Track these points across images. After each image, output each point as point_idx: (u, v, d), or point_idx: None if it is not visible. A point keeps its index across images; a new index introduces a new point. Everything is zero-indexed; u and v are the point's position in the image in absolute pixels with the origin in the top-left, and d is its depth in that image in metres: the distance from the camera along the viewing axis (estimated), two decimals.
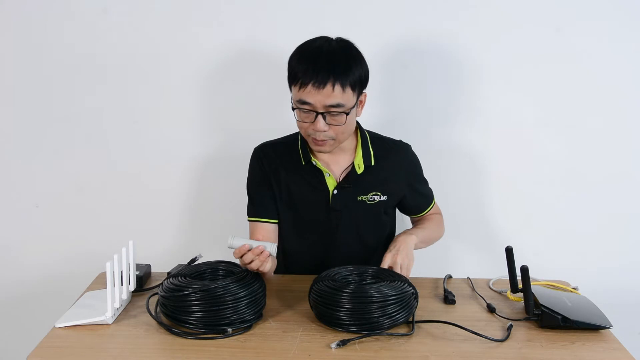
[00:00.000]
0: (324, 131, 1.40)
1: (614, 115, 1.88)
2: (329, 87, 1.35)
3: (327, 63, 1.36)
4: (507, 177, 1.94)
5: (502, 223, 1.97)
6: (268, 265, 1.33)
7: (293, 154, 1.56)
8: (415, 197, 1.65)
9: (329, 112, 1.38)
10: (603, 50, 1.83)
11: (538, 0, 1.81)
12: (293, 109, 1.42)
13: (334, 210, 1.56)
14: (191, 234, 2.04)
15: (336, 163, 1.56)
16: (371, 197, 1.56)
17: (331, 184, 1.55)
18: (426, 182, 1.69)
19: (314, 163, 1.54)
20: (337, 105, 1.37)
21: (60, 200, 2.02)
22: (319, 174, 1.55)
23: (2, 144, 1.99)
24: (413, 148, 1.63)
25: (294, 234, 1.61)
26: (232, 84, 1.90)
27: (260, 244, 1.31)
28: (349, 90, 1.38)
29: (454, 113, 1.91)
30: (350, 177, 1.54)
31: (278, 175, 1.57)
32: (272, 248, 1.32)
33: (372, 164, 1.55)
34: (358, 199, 1.56)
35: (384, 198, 1.57)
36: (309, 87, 1.35)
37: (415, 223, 1.73)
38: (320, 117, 1.38)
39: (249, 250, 1.31)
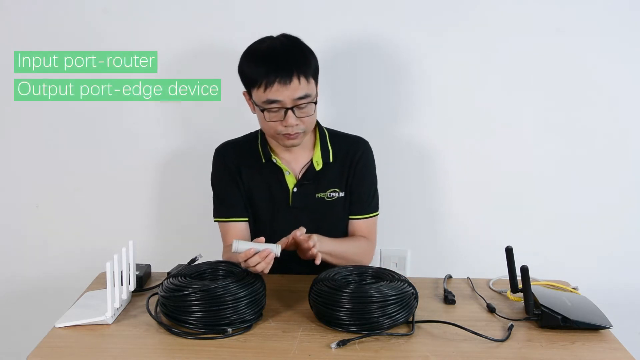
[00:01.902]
0: (296, 125, 1.43)
1: (614, 116, 1.88)
2: (294, 81, 1.40)
3: (286, 59, 1.41)
4: (507, 177, 1.94)
5: (502, 223, 1.97)
6: (269, 268, 1.33)
7: (253, 153, 1.58)
8: (356, 191, 1.59)
9: (297, 106, 1.42)
10: (603, 50, 1.83)
11: (538, 1, 1.81)
12: (261, 110, 1.43)
13: (294, 208, 1.56)
14: (191, 234, 2.04)
15: (296, 161, 1.57)
16: (330, 194, 1.57)
17: (291, 182, 1.56)
18: (373, 189, 1.63)
19: (274, 161, 1.55)
20: (305, 97, 1.42)
21: (60, 200, 2.02)
22: (278, 173, 1.56)
23: (3, 143, 1.99)
24: (414, 150, 1.63)
25: (255, 233, 1.59)
26: (234, 82, 1.89)
27: (266, 247, 1.30)
28: (311, 81, 1.44)
29: (453, 113, 1.90)
30: (309, 174, 1.55)
31: (240, 174, 1.58)
32: (277, 250, 1.31)
33: (331, 160, 1.56)
34: (317, 196, 1.57)
35: (342, 194, 1.58)
36: (275, 85, 1.39)
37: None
38: (290, 112, 1.42)
39: (255, 254, 1.29)
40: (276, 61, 1.41)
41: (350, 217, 1.62)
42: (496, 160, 1.93)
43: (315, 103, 1.46)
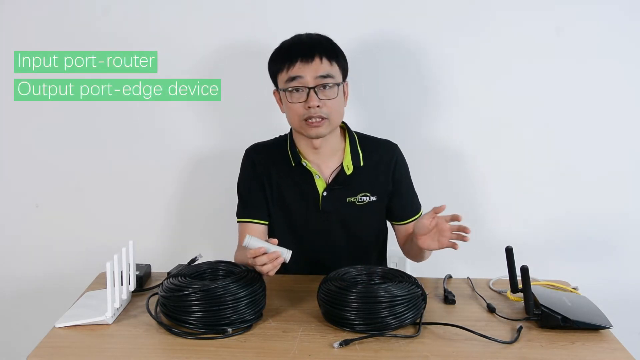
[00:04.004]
0: (318, 107, 1.43)
1: (613, 115, 1.88)
2: (316, 59, 1.42)
3: (309, 41, 1.45)
4: (507, 177, 1.94)
5: (502, 223, 1.97)
6: (275, 271, 1.32)
7: (283, 156, 1.56)
8: (401, 198, 1.61)
9: (320, 87, 1.43)
10: (603, 50, 1.83)
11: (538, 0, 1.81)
12: (285, 91, 1.44)
13: (324, 212, 1.55)
14: (191, 234, 2.04)
15: (326, 165, 1.56)
16: (360, 198, 1.56)
17: (320, 185, 1.55)
18: (413, 190, 1.63)
19: (304, 164, 1.54)
20: (327, 76, 1.43)
21: (60, 200, 2.02)
22: (308, 176, 1.54)
23: (3, 143, 1.99)
24: (414, 149, 1.63)
25: (287, 235, 1.58)
26: (234, 82, 1.90)
27: (277, 249, 1.29)
28: (335, 64, 1.45)
29: (454, 113, 1.91)
30: (340, 178, 1.54)
31: (270, 176, 1.57)
32: (287, 255, 1.30)
33: (361, 164, 1.55)
34: (347, 200, 1.55)
35: (373, 198, 1.57)
36: (297, 63, 1.42)
37: (404, 237, 1.64)
38: (312, 92, 1.43)
39: (264, 254, 1.28)
40: (299, 43, 1.46)
41: (408, 221, 1.61)
42: (496, 159, 1.93)
43: (339, 86, 1.45)
